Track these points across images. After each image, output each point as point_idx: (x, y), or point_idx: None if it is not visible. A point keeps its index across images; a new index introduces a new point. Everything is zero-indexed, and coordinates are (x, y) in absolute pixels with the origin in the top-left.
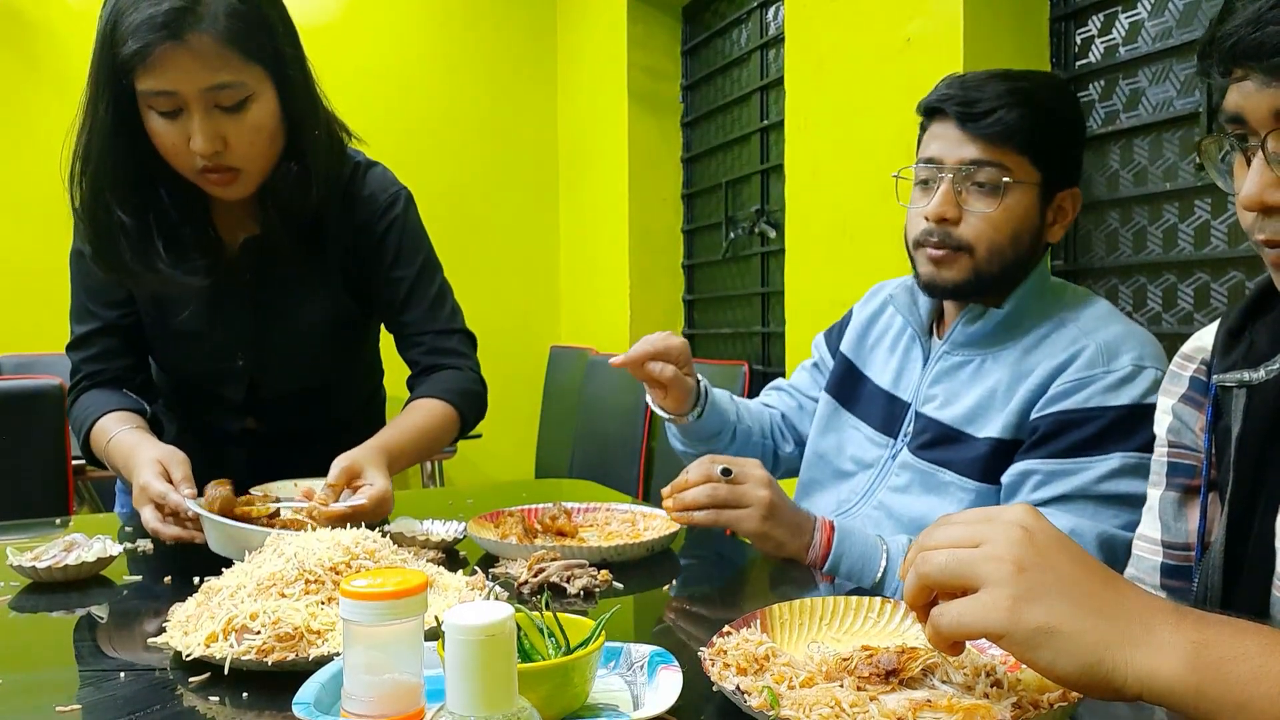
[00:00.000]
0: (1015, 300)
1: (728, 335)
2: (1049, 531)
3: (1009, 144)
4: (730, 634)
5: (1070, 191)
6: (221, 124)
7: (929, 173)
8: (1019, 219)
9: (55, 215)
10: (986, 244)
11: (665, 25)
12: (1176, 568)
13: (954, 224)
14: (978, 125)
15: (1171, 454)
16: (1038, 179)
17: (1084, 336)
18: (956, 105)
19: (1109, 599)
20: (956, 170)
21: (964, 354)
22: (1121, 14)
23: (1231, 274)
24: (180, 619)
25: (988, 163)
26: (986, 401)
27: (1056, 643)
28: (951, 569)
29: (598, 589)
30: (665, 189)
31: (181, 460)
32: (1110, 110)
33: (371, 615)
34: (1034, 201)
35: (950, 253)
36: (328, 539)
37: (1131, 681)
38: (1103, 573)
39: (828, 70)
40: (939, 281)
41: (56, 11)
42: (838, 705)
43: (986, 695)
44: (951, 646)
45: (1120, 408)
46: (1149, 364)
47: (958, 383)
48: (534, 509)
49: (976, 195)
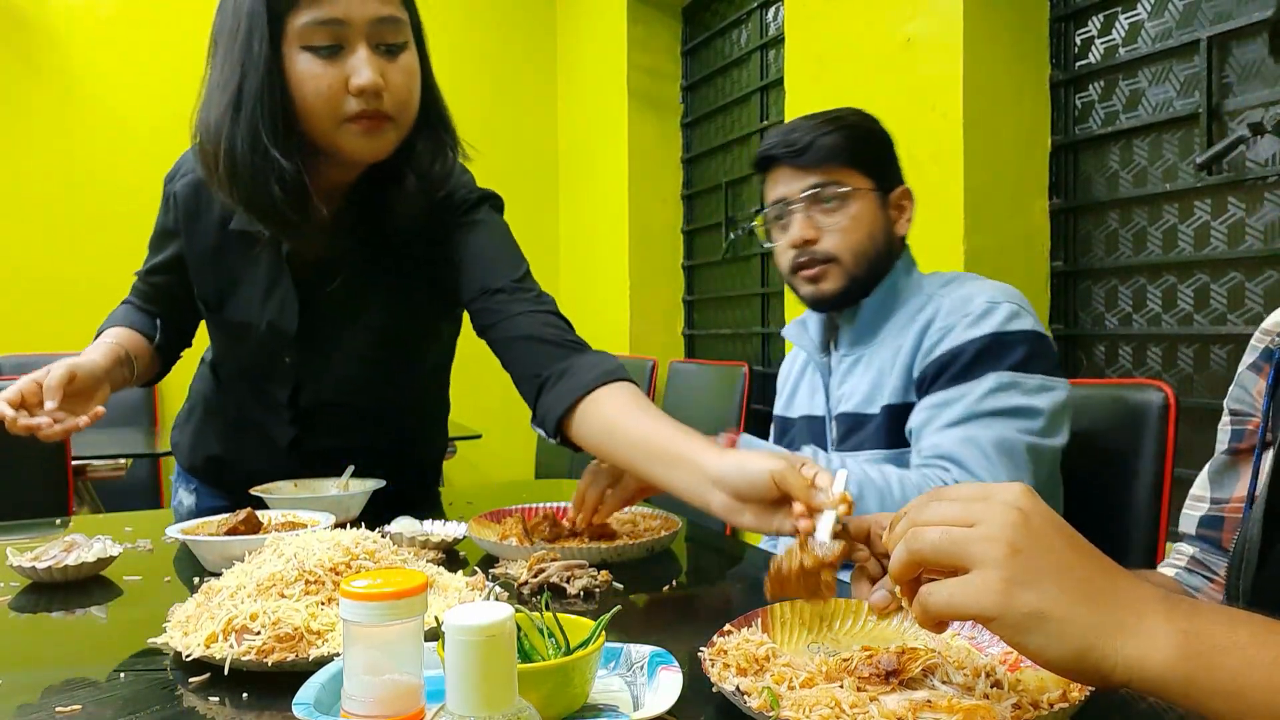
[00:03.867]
0: (880, 291)
1: (728, 336)
2: (1045, 514)
3: (835, 162)
4: (731, 633)
5: (900, 190)
6: (382, 64)
7: (780, 210)
8: (868, 221)
9: (55, 215)
10: (849, 249)
11: (665, 26)
12: (1214, 518)
13: (815, 243)
14: (805, 157)
15: (1232, 421)
16: (870, 185)
17: (940, 297)
18: (783, 149)
19: (1102, 585)
20: (804, 199)
21: (855, 351)
22: (1121, 15)
23: (1231, 274)
24: (180, 619)
25: (824, 183)
26: (878, 380)
27: (1047, 628)
28: (944, 548)
29: (598, 589)
30: (665, 189)
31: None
32: (1110, 111)
33: (371, 615)
34: (874, 204)
35: (821, 267)
36: (328, 539)
37: (1121, 669)
38: (1098, 558)
39: (828, 70)
40: (821, 295)
41: (56, 11)
42: (838, 706)
43: (986, 696)
44: (937, 625)
45: (983, 337)
46: (1001, 299)
47: (856, 376)
48: (535, 508)
49: (825, 214)
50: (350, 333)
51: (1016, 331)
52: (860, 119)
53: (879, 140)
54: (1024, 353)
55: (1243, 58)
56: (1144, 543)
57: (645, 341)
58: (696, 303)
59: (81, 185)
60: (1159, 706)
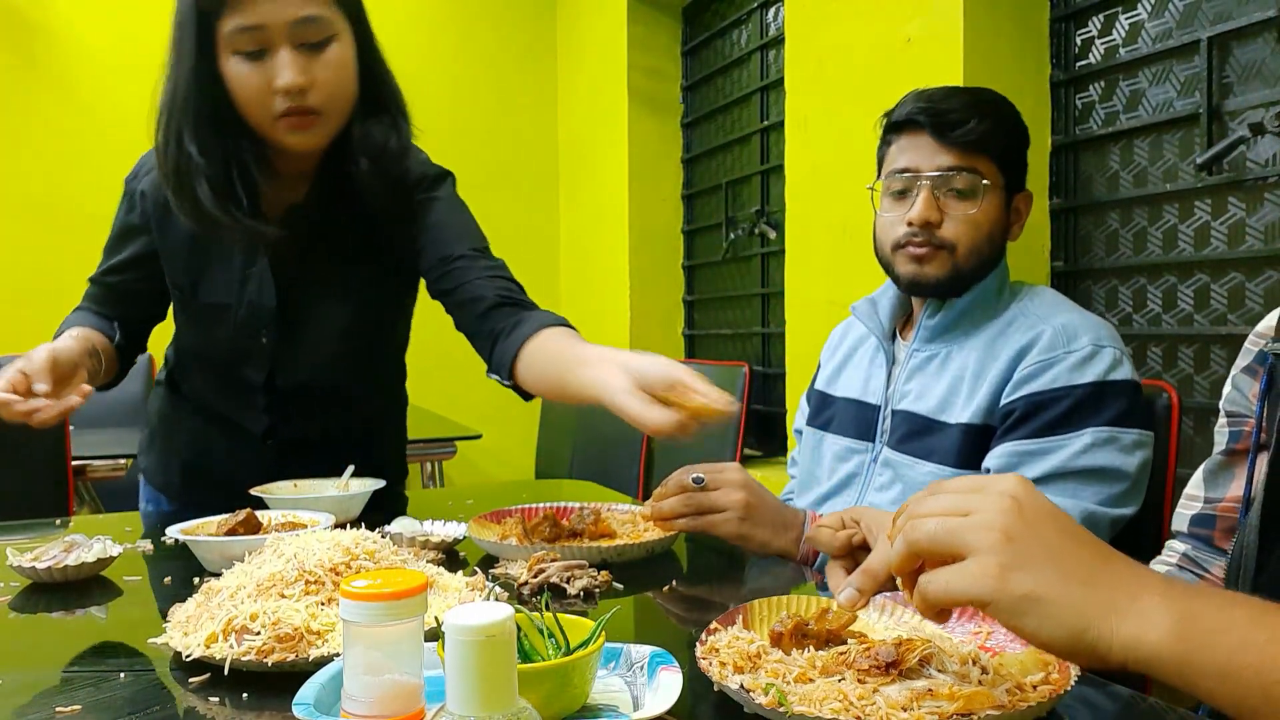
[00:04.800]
0: (975, 292)
1: (728, 336)
2: (1039, 502)
3: (982, 151)
4: (718, 631)
5: (1023, 194)
6: (306, 61)
7: (906, 182)
8: (993, 220)
9: (55, 215)
10: (968, 242)
11: (665, 26)
12: (1206, 516)
13: (937, 226)
14: (953, 135)
15: (1229, 423)
16: (1002, 183)
17: (1040, 322)
18: (931, 118)
19: (1097, 568)
20: (935, 178)
21: (931, 348)
22: (1122, 15)
23: (1231, 275)
24: (180, 619)
25: (964, 169)
26: (955, 388)
27: (1043, 610)
28: (940, 537)
29: (598, 589)
30: (665, 189)
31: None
32: (1110, 111)
33: (371, 616)
34: (1000, 203)
35: (933, 250)
36: (328, 540)
37: (1117, 649)
38: (1092, 543)
39: (828, 70)
40: (922, 279)
41: (56, 11)
42: (845, 699)
43: (980, 682)
44: (938, 615)
45: (1086, 385)
46: (1107, 344)
47: (928, 375)
48: (536, 508)
49: (955, 199)
50: (327, 308)
51: (1119, 382)
52: (1011, 111)
53: (1021, 136)
54: (1125, 406)
55: (1243, 58)
56: (1146, 543)
57: (645, 341)
58: (696, 303)
59: (81, 185)
60: (1159, 707)
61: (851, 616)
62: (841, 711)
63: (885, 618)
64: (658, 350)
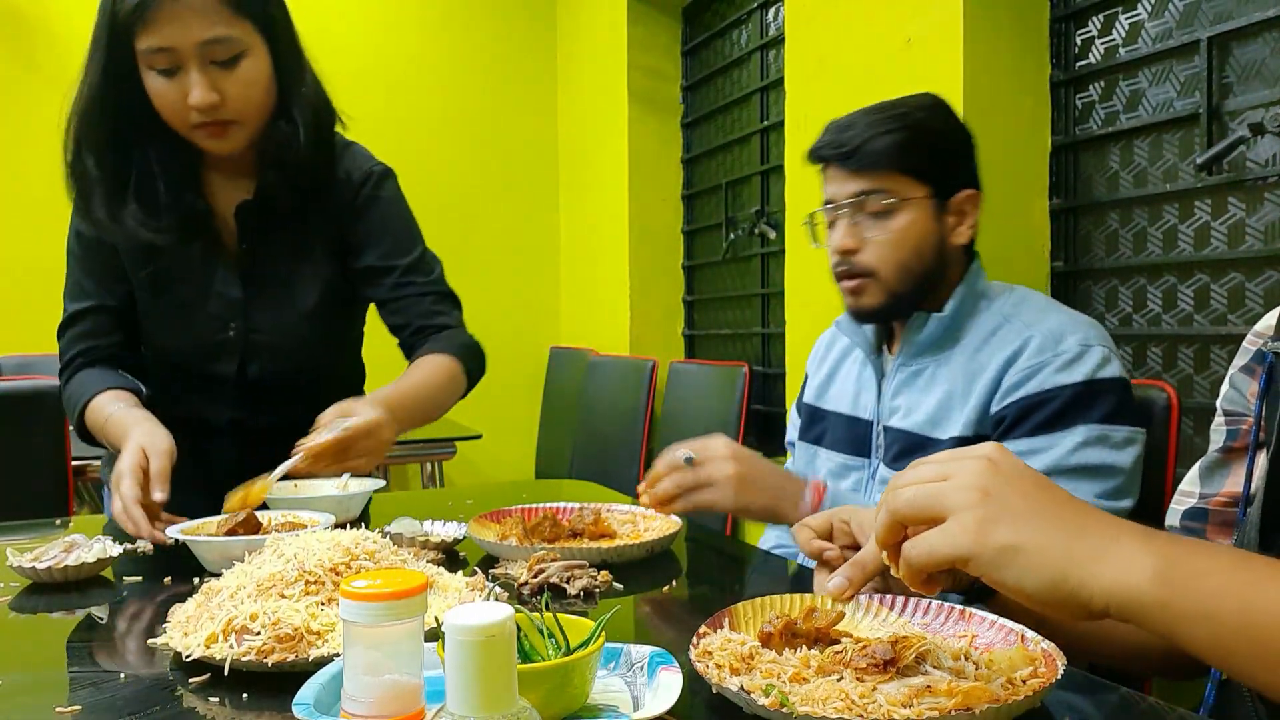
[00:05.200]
0: (955, 303)
1: (728, 336)
2: (1013, 462)
3: (885, 169)
4: (707, 634)
5: (966, 194)
6: (217, 78)
7: (829, 214)
8: (915, 235)
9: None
10: (890, 265)
11: (665, 26)
12: (1199, 510)
13: (856, 253)
14: (854, 160)
15: (1227, 422)
16: (925, 192)
17: (1028, 328)
18: (831, 150)
19: (1073, 518)
20: (848, 205)
21: (918, 363)
22: (1122, 15)
23: (1232, 275)
24: (180, 620)
25: (871, 191)
26: (946, 403)
27: (1022, 560)
28: (919, 502)
29: (598, 589)
30: (665, 189)
31: (163, 451)
32: (1110, 111)
33: (371, 616)
34: (927, 214)
35: (859, 281)
36: (328, 540)
37: (1099, 595)
38: (1068, 498)
39: (828, 70)
40: (861, 310)
41: (56, 11)
42: (847, 698)
43: (975, 677)
44: (925, 584)
45: (1076, 384)
46: (1095, 343)
47: (916, 390)
48: (535, 509)
49: (870, 223)
50: (290, 297)
51: (1108, 380)
52: (928, 115)
53: (941, 139)
54: (1114, 403)
55: (1243, 58)
56: None
57: (645, 341)
58: (696, 303)
59: None
60: (1159, 707)
61: (839, 614)
62: (845, 710)
63: (870, 617)
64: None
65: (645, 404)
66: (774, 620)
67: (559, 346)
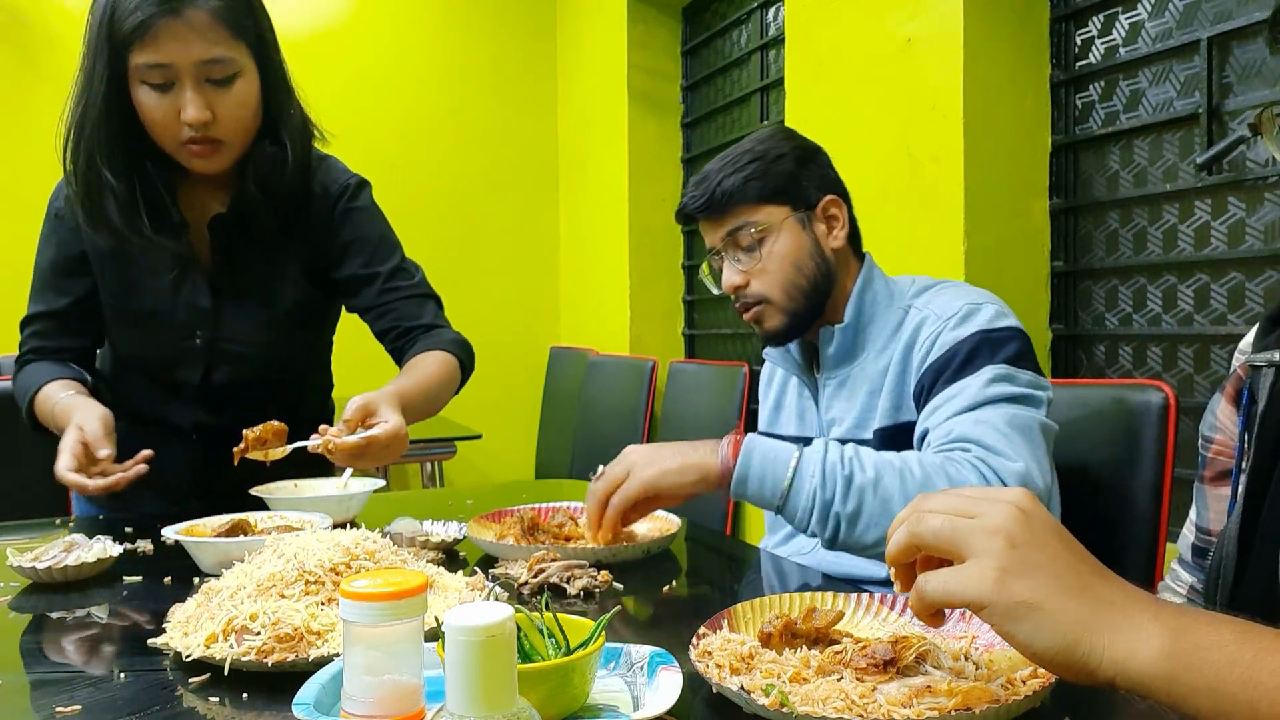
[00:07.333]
0: (852, 310)
1: (728, 336)
2: (1045, 518)
3: (740, 204)
4: (706, 635)
5: (827, 199)
6: (211, 97)
7: (715, 261)
8: (790, 253)
9: None
10: (776, 287)
11: (665, 26)
12: (1200, 548)
13: (745, 287)
14: (713, 208)
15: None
16: (785, 213)
17: (920, 311)
18: (693, 205)
19: (1094, 584)
20: (722, 248)
21: (839, 373)
22: (1122, 15)
23: (1232, 275)
24: (180, 619)
25: (735, 229)
26: (869, 402)
27: (1036, 618)
28: (945, 534)
29: (598, 589)
30: (665, 189)
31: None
32: (1110, 111)
33: (371, 616)
34: (795, 231)
35: (756, 309)
36: (328, 540)
37: (1107, 664)
38: (1093, 562)
39: (828, 70)
40: (767, 334)
41: (56, 11)
42: (847, 698)
43: (975, 677)
44: (932, 617)
45: (973, 334)
46: (983, 300)
47: (843, 399)
48: (535, 509)
49: (748, 257)
50: (258, 308)
51: (1004, 328)
52: (769, 144)
53: (785, 161)
54: (1016, 349)
55: (1243, 58)
56: (1144, 543)
57: (645, 341)
58: (696, 303)
59: None
60: (1159, 708)
61: (838, 614)
62: (845, 710)
63: (870, 617)
64: (658, 350)
65: (645, 404)
66: (774, 620)
67: (559, 346)
